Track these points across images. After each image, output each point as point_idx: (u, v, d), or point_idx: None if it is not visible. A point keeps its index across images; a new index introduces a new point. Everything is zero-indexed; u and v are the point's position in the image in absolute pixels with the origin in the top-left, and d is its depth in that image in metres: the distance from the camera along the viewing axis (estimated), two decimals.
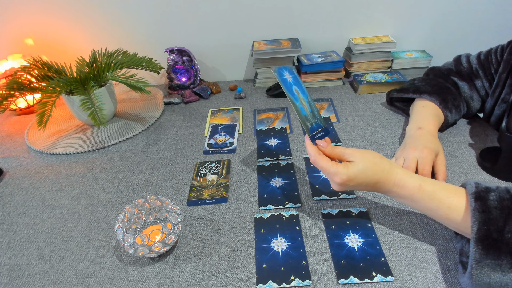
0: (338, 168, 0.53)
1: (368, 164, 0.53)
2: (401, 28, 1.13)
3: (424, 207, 0.52)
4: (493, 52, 0.77)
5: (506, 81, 0.72)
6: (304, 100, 0.58)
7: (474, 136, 0.80)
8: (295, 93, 0.58)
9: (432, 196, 0.51)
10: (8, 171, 0.84)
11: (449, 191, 0.51)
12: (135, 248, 0.54)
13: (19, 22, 1.13)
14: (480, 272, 0.45)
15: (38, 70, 0.91)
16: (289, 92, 0.58)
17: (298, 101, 0.58)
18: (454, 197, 0.50)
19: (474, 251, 0.45)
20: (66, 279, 0.56)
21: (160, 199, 0.59)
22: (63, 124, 1.02)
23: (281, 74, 0.60)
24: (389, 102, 0.93)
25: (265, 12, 1.10)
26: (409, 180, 0.53)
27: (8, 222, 0.69)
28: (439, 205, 0.50)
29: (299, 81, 0.60)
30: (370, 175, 0.53)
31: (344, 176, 0.53)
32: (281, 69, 0.61)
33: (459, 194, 0.50)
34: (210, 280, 0.54)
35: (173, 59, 1.11)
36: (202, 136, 0.91)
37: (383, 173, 0.53)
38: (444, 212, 0.50)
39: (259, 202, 0.67)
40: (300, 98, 0.58)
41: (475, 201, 0.47)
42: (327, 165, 0.54)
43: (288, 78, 0.60)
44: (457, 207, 0.49)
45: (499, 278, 0.44)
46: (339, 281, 0.51)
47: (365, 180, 0.53)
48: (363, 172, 0.53)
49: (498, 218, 0.45)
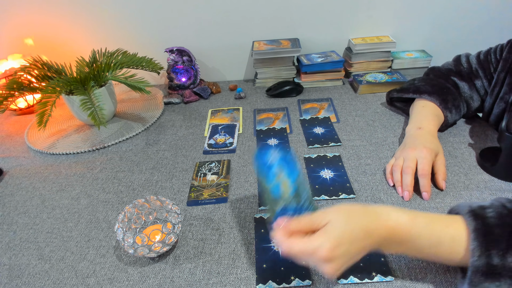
0: (316, 239, 0.42)
1: (347, 213, 0.45)
2: (401, 28, 1.13)
3: (426, 245, 0.45)
4: (493, 51, 0.77)
5: (505, 80, 0.72)
6: (288, 181, 0.50)
7: (474, 136, 0.80)
8: (270, 175, 0.50)
9: (429, 228, 0.45)
10: (8, 171, 0.84)
11: (444, 221, 0.46)
12: (135, 248, 0.54)
13: (19, 22, 1.13)
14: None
15: (38, 70, 0.91)
16: (260, 173, 0.52)
17: (272, 181, 0.50)
18: (452, 226, 0.45)
19: (472, 277, 0.42)
20: (66, 279, 0.56)
21: (160, 199, 0.59)
22: (63, 124, 1.02)
23: (263, 154, 0.53)
24: (389, 102, 0.94)
25: (265, 12, 1.10)
26: (398, 212, 0.46)
27: (8, 222, 0.69)
28: (440, 239, 0.45)
29: (289, 160, 0.52)
30: (357, 223, 0.44)
31: (327, 243, 0.41)
32: (266, 148, 0.54)
33: (456, 221, 0.45)
34: (210, 280, 0.54)
35: (173, 59, 1.11)
36: (202, 136, 0.91)
37: (368, 215, 0.45)
38: (448, 246, 0.44)
39: (259, 202, 0.67)
40: (278, 179, 0.50)
41: (475, 220, 0.43)
42: (304, 244, 0.42)
43: (272, 158, 0.52)
44: (460, 237, 0.44)
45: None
46: (339, 281, 0.51)
47: (353, 233, 0.43)
48: (347, 223, 0.43)
49: (499, 238, 0.42)
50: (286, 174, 0.51)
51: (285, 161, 0.52)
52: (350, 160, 0.76)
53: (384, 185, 0.68)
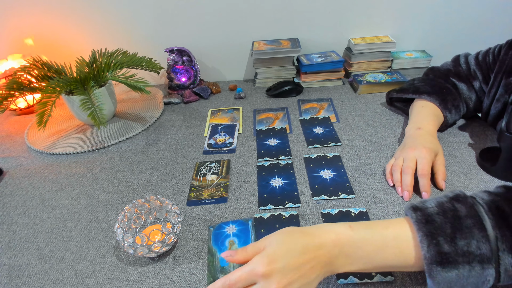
0: (252, 260, 0.43)
1: (284, 233, 0.45)
2: (401, 28, 1.13)
3: (373, 250, 0.44)
4: (491, 52, 0.77)
5: (501, 81, 0.72)
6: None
7: (473, 136, 0.80)
8: (224, 245, 0.58)
9: (370, 232, 0.45)
10: (8, 171, 0.84)
11: (383, 223, 0.46)
12: (134, 248, 0.54)
13: (19, 22, 1.13)
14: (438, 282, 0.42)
15: (38, 70, 0.91)
16: (214, 242, 0.59)
17: (224, 251, 0.53)
18: (393, 225, 0.45)
19: (429, 270, 0.41)
20: (66, 279, 0.56)
21: (160, 199, 0.59)
22: (63, 124, 1.02)
23: (220, 226, 0.62)
24: (388, 102, 0.94)
25: (265, 12, 1.10)
26: (334, 225, 0.46)
27: (8, 222, 0.69)
28: (384, 240, 0.44)
29: (244, 231, 0.60)
30: (293, 240, 0.44)
31: (262, 259, 0.42)
32: (226, 223, 0.63)
33: (398, 221, 0.46)
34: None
35: (173, 59, 1.11)
36: (202, 136, 0.91)
37: (305, 234, 0.45)
38: (394, 247, 0.44)
39: (258, 202, 0.67)
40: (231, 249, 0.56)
41: (415, 212, 0.44)
42: (241, 269, 0.43)
43: (229, 230, 0.61)
44: (405, 233, 0.44)
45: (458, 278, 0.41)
46: (339, 281, 0.51)
47: (289, 248, 0.43)
48: (283, 241, 0.44)
49: (443, 224, 0.42)
50: (237, 245, 0.58)
51: (241, 232, 0.60)
52: (350, 160, 0.76)
53: (384, 185, 0.68)
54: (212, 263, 0.56)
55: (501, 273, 0.41)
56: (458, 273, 0.41)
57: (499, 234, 0.40)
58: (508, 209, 0.42)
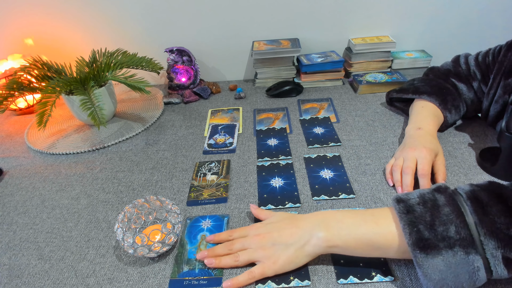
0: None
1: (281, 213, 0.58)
2: (401, 28, 1.13)
3: (352, 224, 0.50)
4: (491, 53, 0.77)
5: (500, 83, 0.72)
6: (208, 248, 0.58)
7: (474, 136, 0.80)
8: (196, 238, 0.60)
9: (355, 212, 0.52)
10: (8, 171, 0.84)
11: (369, 210, 0.52)
12: (134, 248, 0.54)
13: (19, 22, 1.13)
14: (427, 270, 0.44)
15: (38, 70, 0.91)
16: (187, 235, 0.61)
17: (195, 244, 0.59)
18: (378, 212, 0.50)
19: (414, 257, 0.44)
20: (66, 279, 0.56)
21: (160, 199, 0.59)
22: (63, 124, 1.02)
23: (197, 220, 0.64)
24: (388, 102, 0.94)
25: (265, 12, 1.10)
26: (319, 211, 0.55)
27: (8, 222, 0.69)
28: (367, 225, 0.49)
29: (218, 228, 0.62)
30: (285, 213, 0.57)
31: (259, 224, 0.57)
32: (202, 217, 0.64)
33: (383, 210, 0.50)
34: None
35: (173, 59, 1.11)
36: (202, 136, 0.91)
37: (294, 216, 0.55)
38: (375, 233, 0.48)
39: (258, 202, 0.67)
40: (200, 243, 0.59)
41: (398, 203, 0.47)
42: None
43: (204, 225, 0.62)
44: (386, 219, 0.48)
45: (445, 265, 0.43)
46: (339, 281, 0.51)
47: (281, 217, 0.56)
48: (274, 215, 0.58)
49: (423, 213, 0.45)
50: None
51: (215, 228, 0.62)
52: (350, 160, 0.76)
53: (384, 185, 0.68)
54: (181, 254, 0.57)
55: (489, 260, 0.42)
56: (443, 259, 0.42)
57: (477, 219, 0.42)
58: (486, 198, 0.44)
